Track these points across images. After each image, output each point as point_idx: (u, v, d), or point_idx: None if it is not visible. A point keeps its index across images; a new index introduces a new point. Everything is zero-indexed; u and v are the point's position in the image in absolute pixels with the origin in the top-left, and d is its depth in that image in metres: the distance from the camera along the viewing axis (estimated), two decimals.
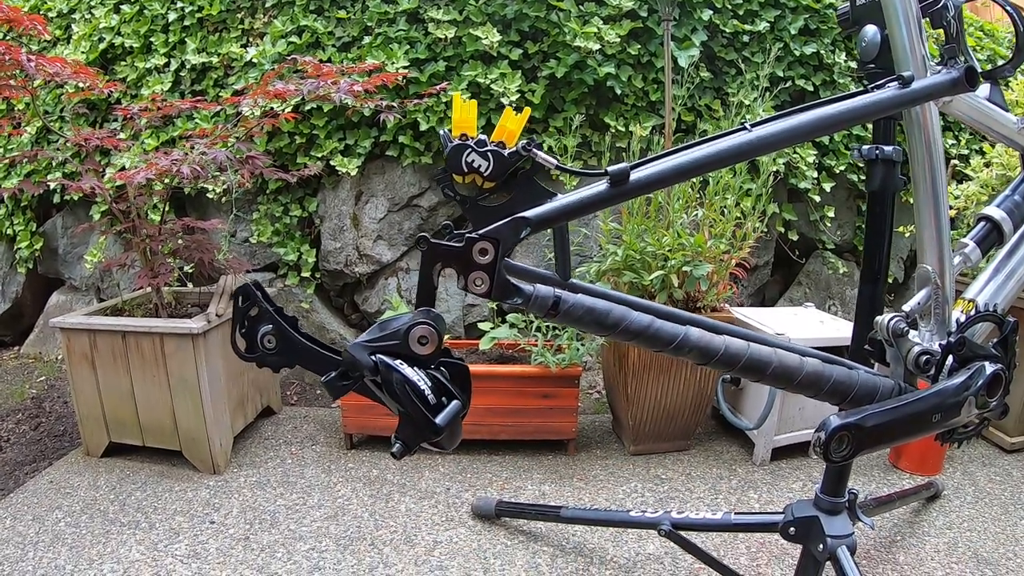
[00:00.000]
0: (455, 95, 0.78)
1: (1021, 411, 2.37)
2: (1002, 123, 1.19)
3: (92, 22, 3.08)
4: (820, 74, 2.98)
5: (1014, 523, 1.94)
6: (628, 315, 0.76)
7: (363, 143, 2.78)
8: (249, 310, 0.69)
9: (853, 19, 1.35)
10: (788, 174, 2.95)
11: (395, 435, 0.60)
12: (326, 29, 2.80)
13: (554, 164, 0.71)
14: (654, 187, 0.74)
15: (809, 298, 3.19)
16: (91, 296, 3.37)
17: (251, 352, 0.69)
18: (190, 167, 2.01)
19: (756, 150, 0.80)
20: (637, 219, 2.22)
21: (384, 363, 0.60)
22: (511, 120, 0.71)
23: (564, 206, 0.71)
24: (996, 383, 1.01)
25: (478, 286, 0.67)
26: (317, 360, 0.66)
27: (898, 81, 0.91)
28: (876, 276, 1.33)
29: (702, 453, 2.35)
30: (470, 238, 0.67)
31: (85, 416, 2.24)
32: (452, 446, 0.59)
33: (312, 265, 2.96)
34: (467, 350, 2.49)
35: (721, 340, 0.80)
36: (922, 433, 0.94)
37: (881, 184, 1.29)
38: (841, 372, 0.90)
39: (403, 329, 0.62)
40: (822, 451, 0.85)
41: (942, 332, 1.07)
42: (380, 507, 1.98)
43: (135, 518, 1.91)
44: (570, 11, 2.68)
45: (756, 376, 0.84)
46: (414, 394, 0.59)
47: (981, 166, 2.56)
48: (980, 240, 1.20)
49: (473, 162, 0.70)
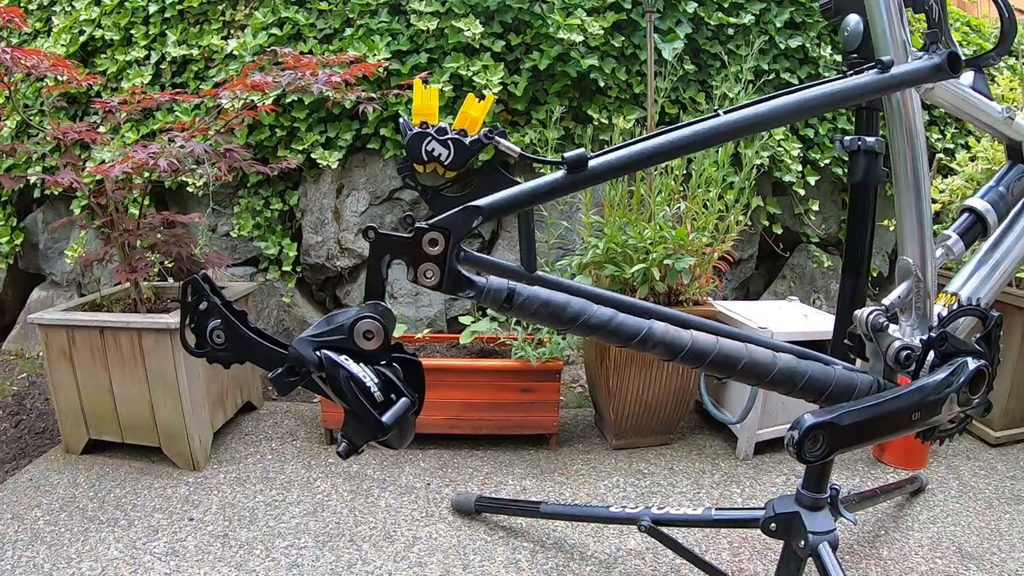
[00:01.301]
0: (416, 80, 0.75)
1: (1006, 405, 2.37)
2: (986, 112, 1.18)
3: (72, 14, 3.04)
4: (805, 67, 2.97)
5: (998, 517, 1.93)
6: (588, 309, 0.73)
7: (344, 136, 2.75)
8: (198, 304, 0.66)
9: (835, 8, 1.33)
10: (772, 167, 2.94)
11: (341, 433, 0.57)
12: (307, 21, 2.77)
13: (517, 152, 0.69)
14: (614, 174, 0.72)
15: (794, 291, 3.18)
16: (72, 291, 3.33)
17: (201, 347, 0.67)
18: (167, 160, 1.98)
19: (726, 135, 0.78)
20: (619, 212, 2.20)
21: (329, 359, 0.58)
22: (474, 107, 0.69)
23: (518, 194, 0.68)
24: (979, 379, 0.99)
25: (428, 278, 0.65)
26: (265, 355, 0.64)
27: (878, 66, 0.89)
28: (858, 269, 1.32)
29: (685, 447, 2.34)
30: (419, 228, 0.65)
31: (64, 413, 2.21)
32: (402, 445, 0.57)
33: (293, 259, 2.93)
34: (448, 344, 2.47)
35: (688, 335, 0.77)
36: (901, 432, 0.92)
37: (863, 176, 1.27)
38: (816, 368, 0.87)
39: (348, 323, 0.60)
40: (795, 451, 0.82)
41: (923, 327, 1.05)
42: (360, 503, 1.96)
43: (114, 516, 1.89)
44: (553, 3, 2.66)
45: (726, 372, 0.82)
46: (359, 391, 0.56)
47: (966, 160, 2.55)
48: (963, 232, 1.18)
49: (433, 151, 0.67)
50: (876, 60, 0.90)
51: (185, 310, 0.68)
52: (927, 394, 0.92)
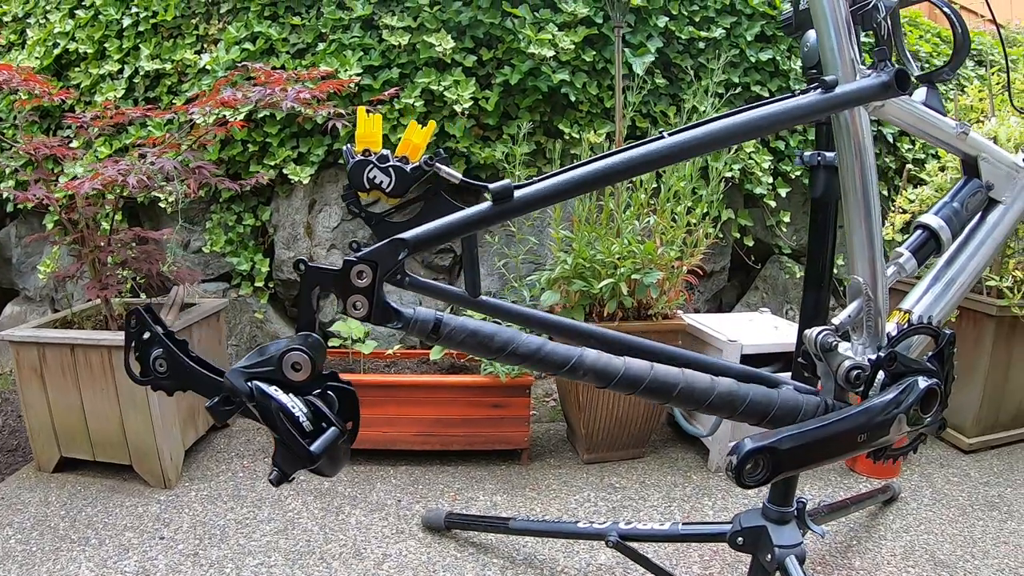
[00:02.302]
0: (359, 109, 0.75)
1: (979, 412, 2.40)
2: (940, 128, 1.18)
3: (47, 27, 3.03)
4: (776, 80, 2.99)
5: (972, 524, 1.95)
6: (516, 338, 0.73)
7: (316, 151, 2.75)
8: (141, 334, 0.66)
9: (796, 24, 1.35)
10: (744, 180, 2.96)
11: (272, 461, 0.58)
12: (280, 35, 2.77)
13: (458, 179, 0.69)
14: (542, 203, 0.72)
15: (766, 303, 3.20)
16: (46, 307, 3.30)
17: (144, 375, 0.67)
18: (136, 177, 1.97)
19: (667, 158, 0.78)
20: (588, 227, 2.21)
21: (259, 390, 0.59)
22: (416, 134, 0.69)
23: (443, 226, 0.68)
24: (931, 398, 1.00)
25: (357, 310, 0.65)
26: (204, 384, 0.65)
27: (821, 86, 0.90)
28: (820, 282, 1.33)
29: (656, 461, 2.34)
30: (348, 261, 0.65)
31: (36, 430, 2.19)
32: (334, 473, 0.58)
33: (266, 275, 2.91)
34: (418, 360, 2.47)
35: (621, 362, 0.77)
36: (848, 454, 0.92)
37: (823, 191, 1.28)
38: (758, 392, 0.87)
39: (277, 355, 0.60)
40: (735, 476, 0.82)
41: (875, 345, 1.05)
42: (330, 520, 1.95)
43: (85, 534, 1.88)
44: (525, 18, 2.66)
45: (662, 399, 0.82)
46: (288, 421, 0.57)
47: (936, 170, 2.59)
48: (916, 249, 1.19)
49: (375, 178, 0.68)
50: (820, 80, 0.91)
51: (129, 340, 0.68)
52: (874, 415, 0.92)
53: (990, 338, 2.32)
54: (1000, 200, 1.25)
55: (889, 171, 3.28)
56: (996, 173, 1.24)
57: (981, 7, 1.28)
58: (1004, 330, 2.32)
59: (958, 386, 2.34)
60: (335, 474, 0.56)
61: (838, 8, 1.01)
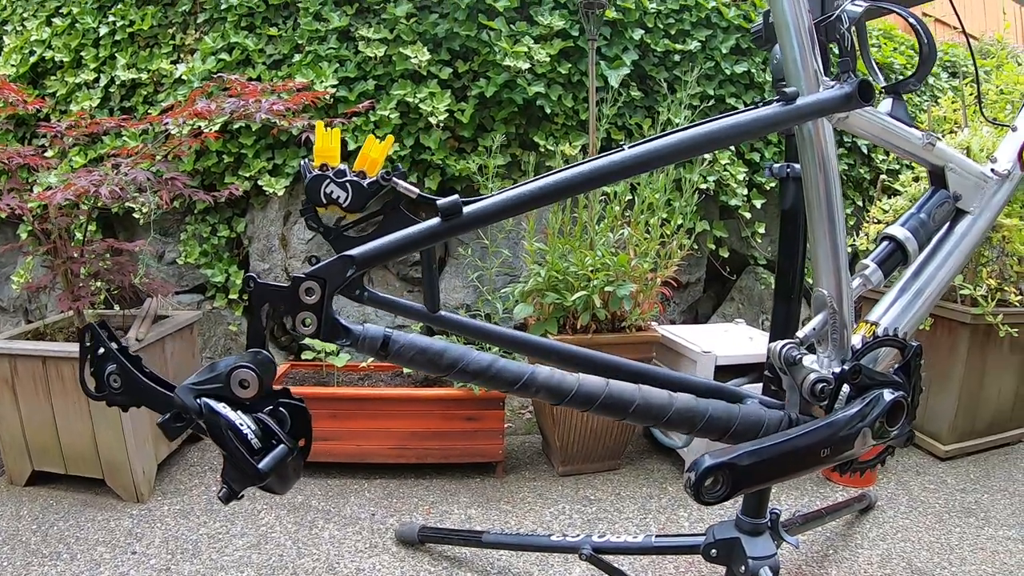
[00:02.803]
0: (318, 124, 0.75)
1: (954, 420, 2.42)
2: (906, 139, 1.18)
3: (24, 34, 3.02)
4: (751, 92, 3.02)
5: (948, 531, 1.96)
6: (467, 356, 0.73)
7: (291, 163, 2.74)
8: (96, 350, 0.66)
9: (765, 37, 1.36)
10: (719, 192, 2.97)
11: (221, 478, 0.58)
12: (257, 46, 2.76)
13: (416, 193, 0.69)
14: (493, 219, 0.72)
15: (742, 313, 3.21)
16: (19, 318, 3.26)
17: (100, 391, 0.67)
18: (109, 188, 1.95)
19: (626, 170, 0.78)
20: (561, 239, 2.21)
21: (208, 406, 0.58)
22: (373, 148, 0.69)
23: (391, 243, 0.68)
24: (897, 411, 1.00)
25: (306, 326, 0.65)
26: (157, 400, 0.64)
27: (781, 99, 0.90)
28: (790, 294, 1.34)
29: (632, 472, 2.34)
30: (296, 277, 0.66)
31: (7, 444, 2.17)
32: (284, 490, 0.58)
33: (240, 287, 2.89)
34: (392, 373, 2.46)
35: (574, 379, 0.77)
36: (811, 469, 0.91)
37: (792, 203, 1.29)
38: (718, 407, 0.87)
39: (225, 372, 0.60)
40: (693, 493, 0.82)
41: (840, 358, 1.05)
42: (304, 535, 1.93)
43: (56, 549, 1.85)
44: (501, 30, 2.68)
45: (618, 415, 0.81)
46: (236, 439, 0.57)
47: (910, 180, 2.61)
48: (882, 261, 1.19)
49: (332, 193, 0.68)
50: (779, 92, 0.91)
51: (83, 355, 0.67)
52: (837, 429, 0.92)
53: (965, 346, 2.34)
54: (968, 210, 1.25)
55: (864, 182, 3.31)
56: (964, 183, 1.25)
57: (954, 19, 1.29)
58: (979, 338, 2.35)
59: (934, 393, 2.38)
60: (285, 491, 0.56)
61: (801, 19, 1.01)
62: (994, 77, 2.94)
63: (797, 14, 1.01)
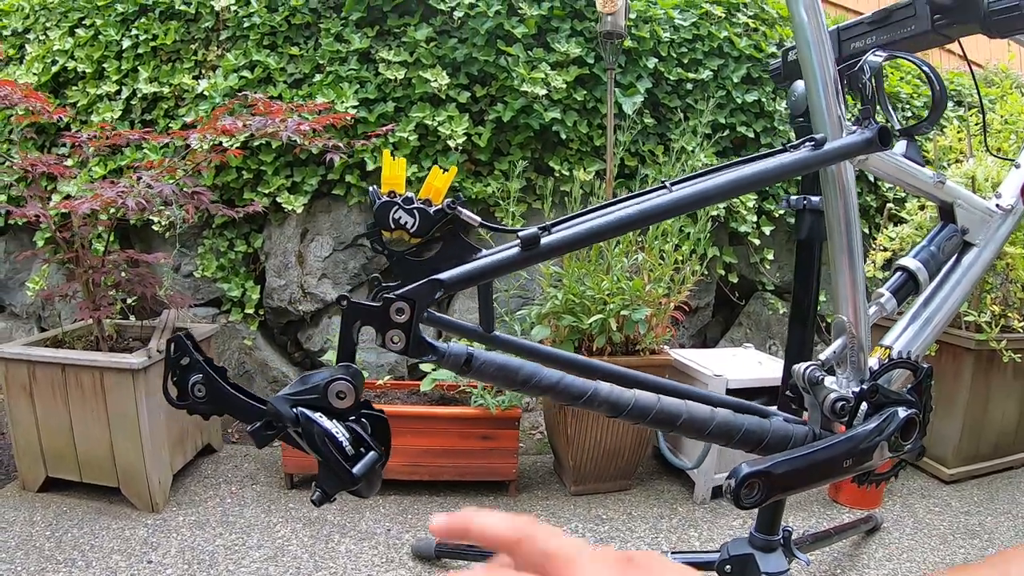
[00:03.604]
0: (385, 152, 0.80)
1: (959, 444, 2.46)
2: (919, 178, 1.24)
3: (46, 44, 3.05)
4: (761, 121, 3.08)
5: (952, 552, 2.00)
6: (539, 372, 0.79)
7: (310, 181, 2.79)
8: (180, 360, 0.70)
9: (784, 75, 1.42)
10: (728, 218, 3.03)
11: (315, 483, 0.62)
12: (278, 65, 2.82)
13: (477, 222, 0.74)
14: (566, 250, 0.77)
15: (750, 338, 3.25)
16: (32, 324, 3.29)
17: (182, 400, 0.71)
18: (135, 200, 1.99)
19: (673, 211, 0.84)
20: (578, 263, 2.26)
21: (305, 415, 0.63)
22: (438, 178, 0.74)
23: (475, 269, 0.73)
24: (910, 427, 1.05)
25: (395, 343, 0.69)
26: (244, 410, 0.68)
27: (811, 143, 0.96)
28: (805, 321, 1.39)
29: (643, 492, 2.37)
30: (387, 298, 0.70)
31: (22, 449, 2.19)
32: (370, 494, 0.62)
33: (256, 302, 2.93)
34: (408, 391, 2.50)
35: (631, 394, 0.83)
36: (834, 477, 0.98)
37: (808, 233, 1.35)
38: (753, 422, 0.93)
39: (323, 384, 0.65)
40: (732, 498, 0.88)
41: (858, 379, 1.11)
42: (320, 548, 1.96)
43: (71, 556, 1.87)
44: (519, 56, 2.73)
45: (667, 427, 0.87)
46: (332, 445, 0.61)
47: (916, 209, 2.66)
48: (896, 290, 1.24)
49: (400, 219, 0.72)
50: (810, 137, 0.96)
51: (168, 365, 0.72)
52: (858, 442, 0.98)
53: (969, 371, 2.39)
54: (974, 243, 1.31)
55: (871, 210, 3.36)
56: (970, 218, 1.30)
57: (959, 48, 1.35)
58: (983, 364, 2.39)
59: (939, 418, 2.42)
60: (371, 495, 0.61)
61: (826, 67, 1.07)
62: (998, 107, 3.00)
63: (823, 62, 1.07)
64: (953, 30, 1.20)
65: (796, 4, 1.06)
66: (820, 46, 1.07)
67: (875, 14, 1.28)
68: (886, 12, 1.26)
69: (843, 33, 1.29)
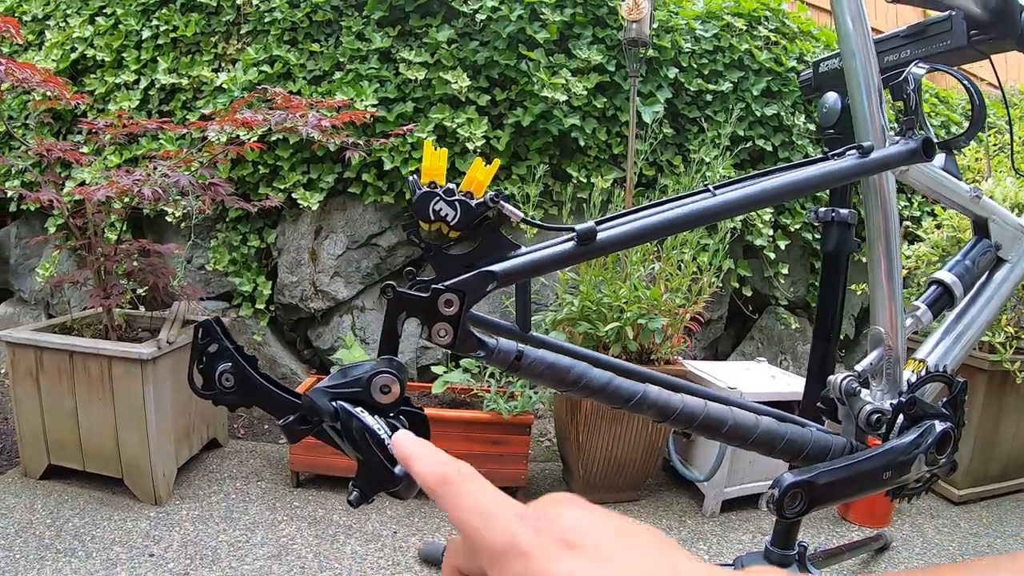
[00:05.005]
0: (426, 142, 0.78)
1: (969, 465, 2.44)
2: (956, 191, 1.23)
3: (66, 30, 3.06)
4: (780, 135, 3.06)
5: None
6: (589, 372, 0.76)
7: (326, 178, 2.78)
8: (208, 346, 0.67)
9: (815, 85, 1.41)
10: (744, 231, 3.01)
11: (352, 483, 0.58)
12: (298, 61, 2.81)
13: (520, 217, 0.71)
14: (620, 246, 0.74)
15: (761, 352, 3.23)
16: (40, 311, 3.28)
17: (208, 389, 0.67)
18: (151, 189, 1.98)
19: (719, 214, 0.82)
20: (595, 270, 2.24)
21: (345, 410, 0.59)
22: (480, 171, 0.71)
23: (530, 262, 0.71)
24: (945, 441, 1.03)
25: (442, 337, 0.66)
26: (275, 402, 0.65)
27: (858, 150, 0.94)
28: (828, 334, 1.37)
29: (652, 504, 2.35)
30: (436, 289, 0.67)
31: (25, 435, 2.17)
32: (410, 495, 0.58)
33: (267, 297, 2.92)
34: (419, 393, 2.48)
35: (679, 399, 0.81)
36: (874, 490, 0.96)
37: (836, 246, 1.33)
38: (795, 431, 0.91)
39: (366, 377, 0.61)
40: (775, 508, 0.86)
41: (893, 391, 1.09)
42: (325, 548, 1.94)
43: (71, 545, 1.85)
44: (540, 61, 2.72)
45: (712, 434, 0.85)
46: (373, 442, 0.57)
47: (932, 228, 2.65)
48: (931, 303, 1.23)
49: (440, 210, 0.69)
50: (857, 144, 0.95)
51: (195, 352, 0.68)
52: (897, 455, 0.97)
53: (982, 392, 2.37)
54: (1007, 259, 1.31)
55: None
56: (1004, 234, 1.30)
57: (979, 70, 1.35)
58: (995, 384, 2.38)
59: None
60: (410, 497, 0.57)
61: (871, 78, 1.06)
62: (1018, 128, 2.99)
63: (868, 72, 1.06)
64: (989, 46, 1.20)
65: (843, 14, 1.06)
66: (866, 56, 1.07)
67: (910, 28, 1.28)
68: (922, 26, 1.26)
69: (878, 46, 1.28)
